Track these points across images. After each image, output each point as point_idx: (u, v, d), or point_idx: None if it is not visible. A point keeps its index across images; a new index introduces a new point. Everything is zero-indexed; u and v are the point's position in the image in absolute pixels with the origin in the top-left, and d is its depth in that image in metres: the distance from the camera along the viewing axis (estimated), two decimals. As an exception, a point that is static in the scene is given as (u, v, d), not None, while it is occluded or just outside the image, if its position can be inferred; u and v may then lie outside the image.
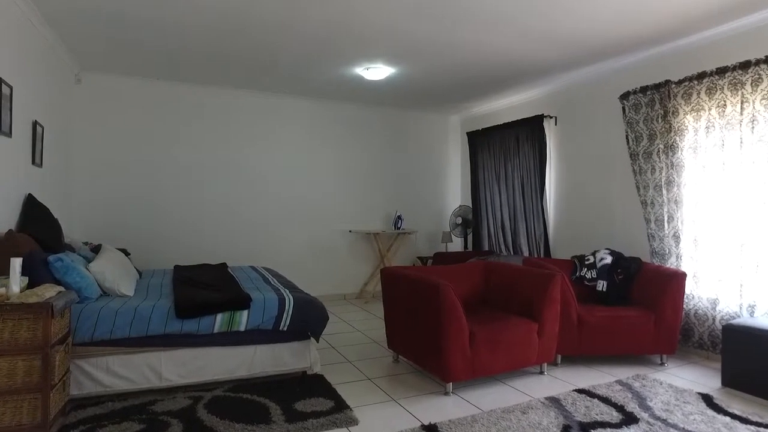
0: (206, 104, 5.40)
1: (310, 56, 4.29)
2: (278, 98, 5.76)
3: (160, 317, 2.83)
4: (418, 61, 4.40)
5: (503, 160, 5.83)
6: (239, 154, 5.58)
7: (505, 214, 5.84)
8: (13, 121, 2.97)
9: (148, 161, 5.14)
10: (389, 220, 6.49)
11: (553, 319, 3.24)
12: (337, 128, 6.16)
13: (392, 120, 6.51)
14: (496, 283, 3.71)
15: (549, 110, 5.27)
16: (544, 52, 4.11)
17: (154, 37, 3.86)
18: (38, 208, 3.26)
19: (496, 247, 6.03)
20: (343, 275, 6.21)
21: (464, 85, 5.23)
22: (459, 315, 2.89)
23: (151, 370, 2.85)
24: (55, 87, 4.10)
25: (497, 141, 5.93)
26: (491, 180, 6.07)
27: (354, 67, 4.58)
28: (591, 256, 4.09)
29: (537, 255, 5.33)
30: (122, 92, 5.01)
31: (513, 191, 5.69)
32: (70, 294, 2.56)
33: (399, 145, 6.57)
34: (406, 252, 6.62)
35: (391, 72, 4.70)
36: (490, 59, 4.33)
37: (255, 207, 5.68)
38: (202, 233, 5.39)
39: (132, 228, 5.04)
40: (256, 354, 3.06)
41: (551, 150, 5.26)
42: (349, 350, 3.90)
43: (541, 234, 5.26)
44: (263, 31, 3.71)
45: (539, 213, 5.26)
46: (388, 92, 5.57)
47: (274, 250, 5.77)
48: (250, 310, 3.01)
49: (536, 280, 3.31)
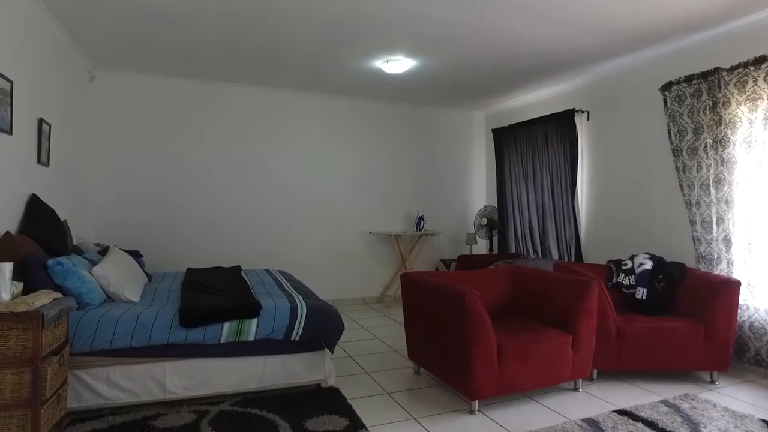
0: (221, 102, 5.25)
1: (326, 48, 4.07)
2: (295, 95, 5.57)
3: (164, 326, 2.64)
4: (441, 52, 4.13)
5: (531, 157, 5.52)
6: (255, 153, 5.42)
7: (533, 215, 5.53)
8: (14, 118, 2.83)
9: (163, 160, 5.01)
10: (411, 221, 6.24)
11: (590, 332, 2.94)
12: (357, 125, 5.93)
13: (414, 116, 6.26)
14: (525, 290, 3.43)
15: (580, 104, 4.93)
16: (576, 40, 3.80)
17: (165, 31, 3.70)
18: (43, 208, 3.12)
19: (523, 249, 5.71)
20: (363, 278, 5.98)
21: (490, 78, 4.94)
22: (486, 327, 2.62)
23: (155, 381, 2.67)
24: (66, 85, 3.98)
25: (525, 138, 5.62)
26: (518, 179, 5.76)
27: (373, 59, 4.34)
28: (629, 261, 3.76)
29: (567, 258, 5.00)
30: (136, 90, 4.88)
31: (541, 190, 5.37)
32: (67, 301, 2.39)
33: (421, 143, 6.31)
34: (429, 254, 6.36)
35: (412, 65, 4.45)
36: (518, 50, 4.04)
37: (272, 207, 5.50)
38: (217, 234, 5.24)
39: (146, 229, 4.92)
40: (266, 365, 2.86)
41: (583, 146, 4.92)
42: (367, 360, 3.67)
43: (572, 236, 4.93)
44: (277, 22, 3.51)
45: (570, 213, 4.93)
46: (410, 87, 5.32)
47: (291, 253, 5.58)
48: (259, 318, 2.81)
49: (571, 289, 3.02)
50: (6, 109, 2.73)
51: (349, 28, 3.61)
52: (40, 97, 3.35)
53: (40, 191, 3.25)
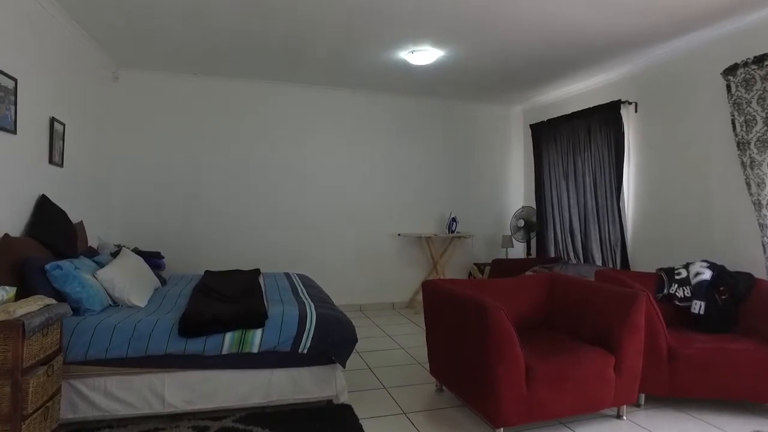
0: (243, 99, 5.12)
1: (347, 39, 3.84)
2: (318, 91, 5.38)
3: (162, 335, 2.48)
4: (470, 40, 3.81)
5: (572, 154, 5.09)
6: (279, 152, 5.26)
7: (574, 216, 5.09)
8: (18, 117, 2.75)
9: (186, 160, 4.93)
10: (442, 222, 5.92)
11: (636, 352, 2.56)
12: (385, 122, 5.68)
13: (446, 112, 5.94)
14: (562, 300, 3.06)
15: (627, 95, 4.47)
16: (622, 22, 3.39)
17: (182, 27, 3.58)
18: (52, 210, 3.05)
19: (563, 253, 5.28)
20: (392, 282, 5.72)
21: (525, 69, 4.56)
22: (512, 345, 2.30)
23: (153, 393, 2.51)
24: (88, 85, 3.94)
25: (565, 133, 5.19)
26: (558, 177, 5.33)
27: (397, 50, 4.07)
28: (683, 270, 3.32)
29: (612, 264, 4.55)
30: (159, 89, 4.83)
31: (583, 190, 4.93)
32: (59, 308, 2.26)
33: (453, 140, 5.98)
34: (461, 258, 6.02)
35: (440, 55, 4.15)
36: (556, 36, 3.66)
37: (296, 208, 5.33)
38: (240, 236, 5.12)
39: (169, 229, 4.85)
40: (272, 379, 2.65)
41: (630, 141, 4.46)
42: (387, 373, 3.40)
43: (617, 240, 4.48)
44: (295, 13, 3.30)
45: (615, 215, 4.48)
46: (439, 80, 5.01)
47: (315, 255, 5.39)
48: (264, 328, 2.60)
49: (614, 301, 2.64)
50: (9, 107, 2.65)
51: (370, 16, 3.36)
52: (54, 97, 3.28)
53: (51, 192, 3.19)
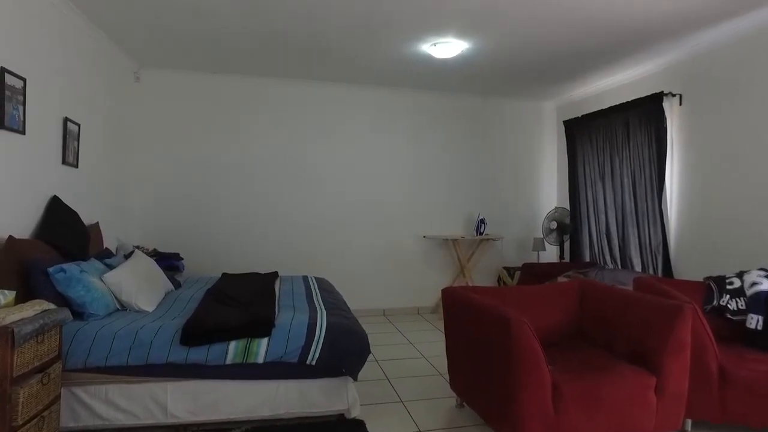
0: (264, 98, 5.02)
1: (366, 31, 3.66)
2: (339, 88, 5.22)
3: (163, 343, 2.36)
4: (498, 30, 3.57)
5: (609, 152, 4.75)
6: (300, 152, 5.14)
7: (611, 218, 4.75)
8: (27, 117, 2.71)
9: (206, 160, 4.88)
10: (470, 224, 5.67)
11: (681, 372, 2.27)
12: (409, 120, 5.48)
13: (473, 108, 5.68)
14: (595, 311, 2.79)
15: (671, 86, 4.12)
16: (667, 6, 3.08)
17: (197, 24, 3.50)
18: (63, 211, 3.00)
19: (599, 258, 4.94)
20: (417, 287, 5.51)
21: (559, 61, 4.26)
22: (538, 363, 2.06)
23: (156, 403, 2.40)
24: (108, 85, 3.92)
25: (602, 129, 4.86)
26: (594, 177, 5.00)
27: (419, 43, 3.86)
28: (736, 279, 2.97)
29: (653, 271, 4.20)
30: (179, 88, 4.79)
31: (621, 190, 4.59)
32: (58, 313, 2.17)
33: (482, 138, 5.72)
34: (490, 261, 5.75)
35: (465, 48, 3.92)
36: (592, 23, 3.37)
37: (318, 209, 5.20)
38: (260, 237, 5.03)
39: (189, 230, 4.81)
40: (279, 391, 2.50)
41: (673, 137, 4.10)
42: (406, 385, 3.20)
43: (658, 244, 4.12)
44: (312, 6, 3.16)
45: (656, 217, 4.13)
46: (465, 75, 4.77)
47: (338, 257, 5.25)
48: (270, 337, 2.45)
49: (655, 314, 2.36)
50: (17, 107, 2.61)
51: (388, 6, 3.17)
52: (68, 97, 3.24)
53: (64, 193, 3.15)
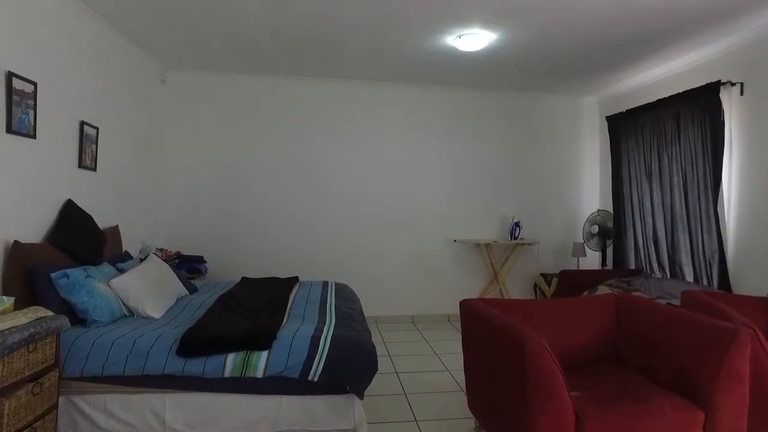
0: (286, 98, 4.93)
1: (384, 24, 3.48)
2: (364, 86, 5.04)
3: (160, 353, 2.27)
4: (529, 19, 3.28)
5: (657, 149, 4.33)
6: (326, 153, 5.01)
7: (658, 222, 4.33)
8: (38, 121, 2.69)
9: (231, 162, 4.84)
10: (504, 227, 5.37)
11: (737, 407, 1.93)
12: (438, 118, 5.23)
13: (506, 106, 5.37)
14: (633, 329, 2.47)
15: (730, 74, 3.67)
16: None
17: (214, 22, 3.43)
18: (76, 215, 2.99)
19: (645, 265, 4.52)
20: (447, 293, 5.24)
21: (599, 51, 3.90)
22: (557, 391, 1.80)
23: (154, 415, 2.31)
24: (128, 88, 3.93)
25: (648, 125, 4.44)
26: (640, 176, 4.58)
27: (443, 35, 3.63)
28: (806, 294, 2.57)
29: (707, 281, 3.77)
30: (203, 90, 4.77)
31: (671, 191, 4.16)
32: (53, 321, 2.11)
33: (516, 137, 5.40)
34: (526, 267, 5.42)
35: (493, 39, 3.65)
36: (637, 6, 3.03)
37: (344, 212, 5.06)
38: (285, 240, 4.94)
39: (212, 233, 4.78)
40: (281, 407, 2.35)
41: (731, 132, 3.66)
42: (423, 401, 2.99)
43: (713, 252, 3.69)
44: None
45: (711, 221, 3.70)
46: (495, 69, 4.48)
47: (364, 262, 5.08)
48: (270, 351, 2.31)
49: (704, 337, 2.03)
50: (27, 111, 2.60)
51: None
52: (84, 101, 3.24)
53: (80, 196, 3.14)
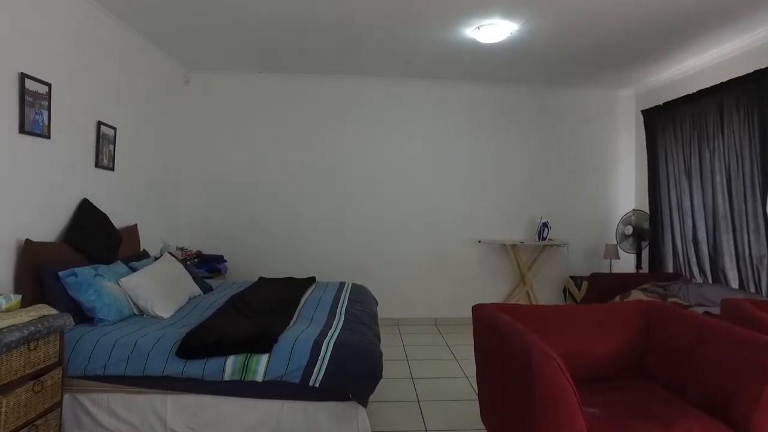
0: (307, 96, 4.88)
1: (403, 11, 3.36)
2: (384, 83, 4.93)
3: (161, 354, 2.24)
4: (552, 6, 3.08)
5: (698, 144, 4.02)
6: (346, 152, 4.94)
7: (699, 223, 4.02)
8: (53, 122, 2.72)
9: (253, 163, 4.84)
10: (532, 228, 5.14)
11: (778, 432, 1.71)
12: (461, 115, 5.06)
13: (533, 100, 5.13)
14: (663, 341, 2.25)
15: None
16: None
17: (227, 20, 3.41)
18: (91, 214, 3.02)
19: (684, 269, 4.22)
20: (472, 295, 5.02)
21: (632, 40, 3.64)
22: (567, 408, 1.63)
23: (156, 416, 2.28)
24: (149, 88, 3.97)
25: (688, 118, 4.13)
26: (678, 174, 4.27)
27: (461, 27, 3.47)
28: None
29: (755, 288, 3.46)
30: (225, 90, 4.79)
31: (713, 189, 3.86)
32: (56, 319, 2.11)
33: (545, 133, 5.16)
34: (555, 269, 5.18)
35: (514, 29, 3.46)
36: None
37: (364, 211, 4.97)
38: (306, 240, 4.89)
39: (234, 232, 4.79)
40: (282, 412, 2.28)
41: (784, 124, 3.34)
42: (436, 410, 2.86)
43: (761, 257, 3.38)
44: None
45: (758, 222, 3.39)
46: (520, 62, 4.26)
47: (386, 263, 4.98)
48: (271, 355, 2.24)
49: (744, 353, 1.81)
50: (40, 112, 2.63)
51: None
52: (102, 101, 3.27)
53: (97, 196, 3.17)
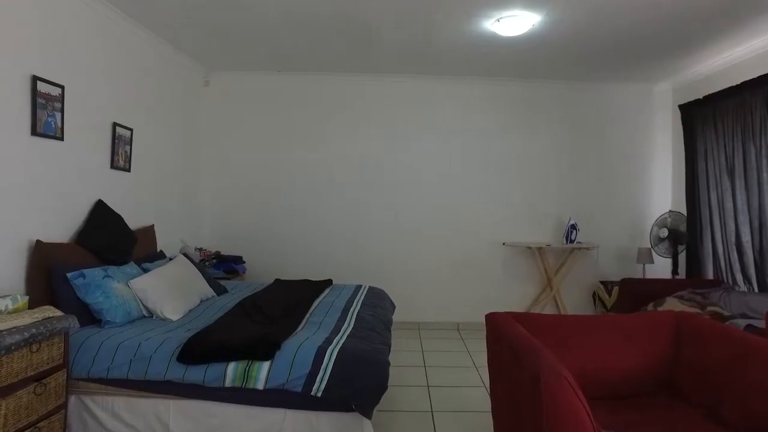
0: (327, 96, 4.82)
1: (417, 12, 3.25)
2: (404, 81, 4.81)
3: (163, 359, 2.20)
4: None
5: (741, 141, 3.73)
6: (367, 152, 4.86)
7: (743, 226, 3.73)
8: (66, 124, 2.74)
9: (273, 163, 4.82)
10: (559, 230, 4.92)
11: (827, 464, 1.51)
12: (485, 113, 4.90)
13: (561, 96, 4.91)
14: (696, 356, 2.06)
15: (834, 50, 3.06)
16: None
17: (240, 19, 3.38)
18: (106, 215, 3.04)
19: (726, 275, 3.92)
20: (496, 300, 4.86)
21: (670, 27, 3.37)
22: (580, 430, 1.48)
23: (158, 420, 2.25)
24: (169, 90, 4.00)
25: (731, 112, 3.84)
26: (719, 173, 3.98)
27: (480, 19, 3.31)
28: None
29: (805, 297, 3.16)
30: (244, 90, 4.80)
31: (758, 189, 3.56)
32: (60, 321, 2.11)
33: (574, 130, 4.94)
34: (584, 273, 4.93)
35: (537, 21, 3.28)
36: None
37: (385, 213, 4.87)
38: (327, 242, 4.84)
39: (254, 233, 4.79)
40: (285, 421, 2.20)
41: (838, 118, 3.04)
42: (450, 422, 2.72)
43: (813, 262, 3.09)
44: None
45: (811, 226, 3.10)
46: (545, 56, 4.05)
47: (408, 265, 4.87)
48: (272, 362, 2.17)
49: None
50: (53, 114, 2.65)
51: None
52: (118, 103, 3.29)
53: (113, 197, 3.19)
